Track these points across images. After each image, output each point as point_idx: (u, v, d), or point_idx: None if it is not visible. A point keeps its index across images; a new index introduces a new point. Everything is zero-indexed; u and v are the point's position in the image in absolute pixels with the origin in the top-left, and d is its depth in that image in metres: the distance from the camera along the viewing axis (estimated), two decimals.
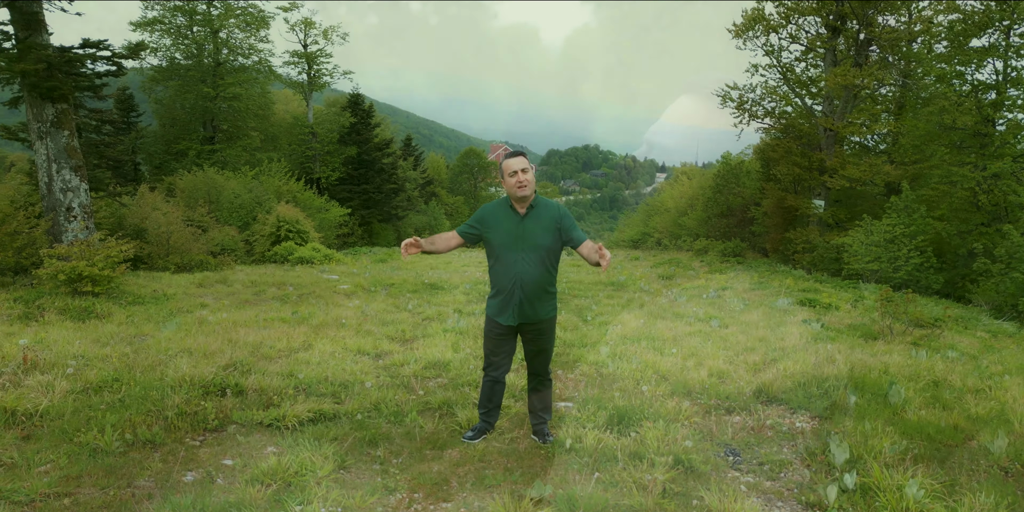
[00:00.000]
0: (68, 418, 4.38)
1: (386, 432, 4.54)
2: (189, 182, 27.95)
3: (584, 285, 15.90)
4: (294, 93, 43.57)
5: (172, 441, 4.18)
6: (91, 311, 9.18)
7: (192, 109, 36.78)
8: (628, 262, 26.34)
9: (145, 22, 36.01)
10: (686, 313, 11.14)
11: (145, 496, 3.42)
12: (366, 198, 40.37)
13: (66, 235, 11.75)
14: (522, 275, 4.18)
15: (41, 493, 3.33)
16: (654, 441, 4.30)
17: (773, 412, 5.37)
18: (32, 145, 11.68)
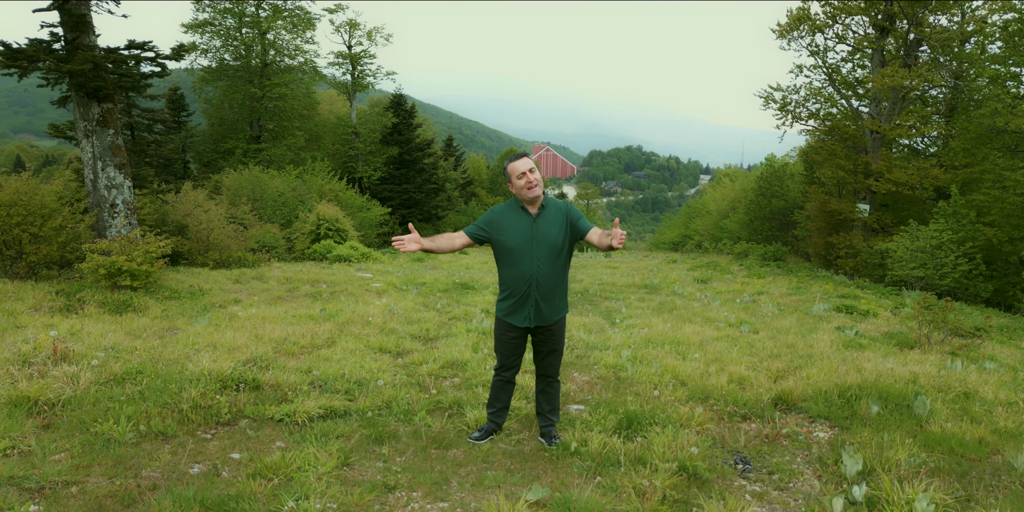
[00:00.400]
0: (88, 408, 4.52)
1: (394, 430, 4.58)
2: (235, 180, 28.59)
3: (617, 287, 15.79)
4: (338, 93, 44.26)
5: (184, 434, 4.29)
6: (129, 304, 9.46)
7: (239, 109, 37.64)
8: (665, 265, 26.07)
9: (196, 24, 36.97)
10: (717, 317, 10.98)
11: (150, 487, 3.51)
12: (407, 198, 40.76)
13: (109, 231, 12.13)
14: (538, 276, 4.16)
15: (51, 480, 3.44)
16: (660, 447, 4.25)
17: (791, 420, 5.26)
18: (79, 143, 12.08)
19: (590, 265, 25.22)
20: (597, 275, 19.40)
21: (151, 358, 6.02)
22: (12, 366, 5.21)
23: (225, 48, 37.82)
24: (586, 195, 77.22)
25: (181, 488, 3.42)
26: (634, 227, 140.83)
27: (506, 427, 4.78)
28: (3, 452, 3.77)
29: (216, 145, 37.51)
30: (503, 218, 4.25)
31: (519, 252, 4.17)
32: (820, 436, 4.91)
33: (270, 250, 21.95)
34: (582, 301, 13.17)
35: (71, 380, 5.01)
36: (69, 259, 11.31)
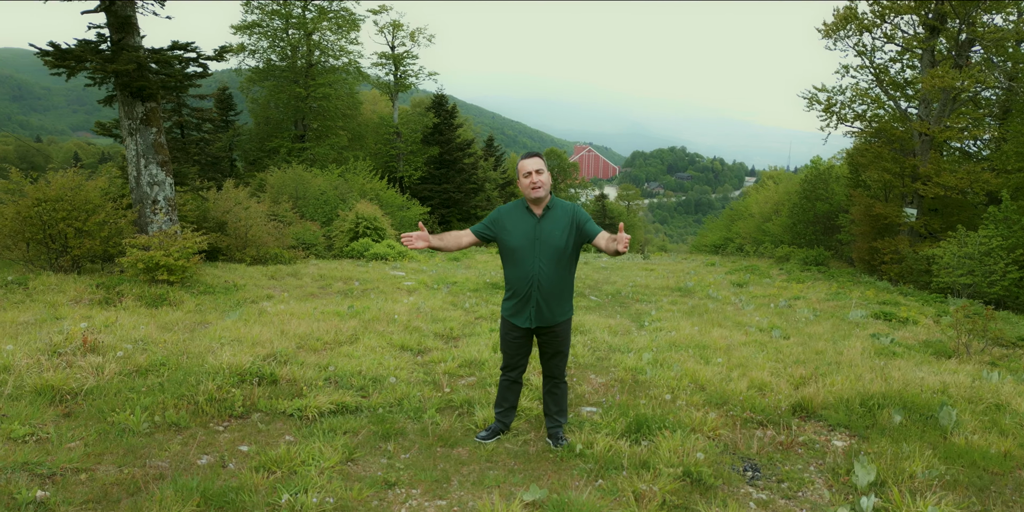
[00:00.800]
0: (109, 398, 4.66)
1: (401, 427, 4.61)
2: (279, 178, 29.11)
3: (650, 290, 15.65)
4: (381, 94, 44.79)
5: (196, 425, 4.39)
6: (164, 298, 9.72)
7: (285, 108, 38.37)
8: (703, 268, 25.72)
9: (244, 25, 37.79)
10: (748, 322, 10.80)
11: (157, 476, 3.60)
12: (446, 197, 41.02)
13: (151, 226, 12.48)
14: (539, 277, 4.15)
15: (62, 467, 3.56)
16: (666, 451, 4.19)
17: (809, 428, 5.14)
18: (123, 141, 12.46)
19: (626, 267, 25.03)
20: (631, 277, 19.25)
21: (177, 351, 6.18)
22: (42, 356, 5.40)
23: (272, 49, 38.60)
24: (627, 196, 76.70)
25: (186, 478, 3.51)
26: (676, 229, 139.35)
27: (515, 427, 4.78)
28: (22, 438, 3.91)
29: (262, 144, 38.30)
30: (508, 217, 4.25)
31: (522, 252, 4.16)
32: (837, 445, 4.79)
33: (310, 247, 22.32)
34: (613, 303, 13.09)
35: (96, 370, 5.17)
36: (112, 253, 11.67)
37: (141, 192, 12.49)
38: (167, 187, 12.69)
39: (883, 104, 23.21)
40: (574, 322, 9.34)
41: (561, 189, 58.24)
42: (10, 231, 11.01)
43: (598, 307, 12.34)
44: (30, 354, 5.40)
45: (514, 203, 4.33)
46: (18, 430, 3.95)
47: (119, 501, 3.27)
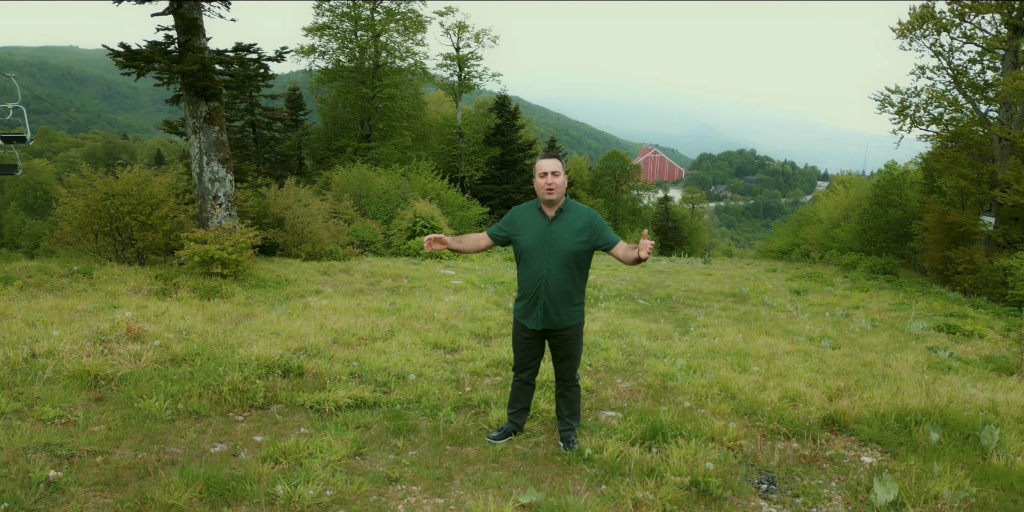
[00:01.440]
0: (141, 385, 4.86)
1: (415, 424, 4.65)
2: (343, 177, 29.78)
3: (703, 295, 15.34)
4: (445, 94, 45.32)
5: (217, 414, 4.53)
6: (217, 291, 10.07)
7: (352, 108, 39.24)
8: (763, 273, 25.05)
9: (316, 27, 38.83)
10: (799, 331, 10.47)
11: (169, 462, 3.73)
12: (506, 197, 41.19)
13: (211, 221, 12.94)
14: (547, 279, 4.13)
15: (81, 449, 3.73)
16: (676, 459, 4.10)
17: (839, 442, 4.94)
18: (188, 139, 12.97)
19: (683, 271, 24.59)
20: (686, 281, 18.91)
21: (215, 342, 6.39)
22: (88, 342, 5.67)
23: (341, 50, 39.55)
24: (691, 199, 75.39)
25: (194, 465, 3.62)
26: (743, 234, 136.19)
27: (529, 429, 4.76)
28: (51, 420, 4.12)
29: (329, 143, 39.28)
30: (521, 218, 4.24)
31: (531, 253, 4.14)
32: (866, 461, 4.59)
33: (368, 245, 22.77)
34: (661, 307, 12.89)
35: (134, 358, 5.40)
36: (173, 246, 12.16)
37: (203, 188, 12.97)
38: (227, 184, 13.14)
39: (961, 107, 22.12)
40: (613, 326, 9.24)
41: (623, 191, 57.71)
42: (80, 223, 11.61)
43: (645, 311, 12.17)
44: (76, 340, 5.68)
45: (528, 204, 4.31)
46: (48, 412, 4.16)
47: (128, 484, 3.41)
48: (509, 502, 3.47)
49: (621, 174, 56.79)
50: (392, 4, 38.46)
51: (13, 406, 4.19)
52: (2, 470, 3.34)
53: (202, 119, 12.69)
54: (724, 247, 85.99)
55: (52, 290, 9.35)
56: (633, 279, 18.64)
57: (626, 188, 58.06)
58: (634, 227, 58.37)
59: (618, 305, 12.30)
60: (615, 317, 10.23)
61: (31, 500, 3.08)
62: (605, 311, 11.10)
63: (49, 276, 10.03)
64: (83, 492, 3.27)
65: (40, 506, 3.07)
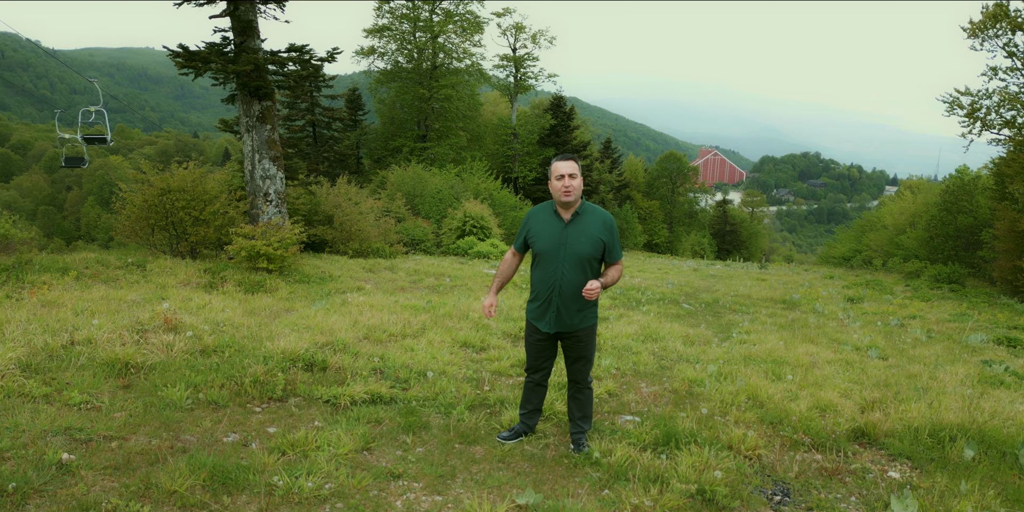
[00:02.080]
0: (167, 374, 5.02)
1: (427, 421, 4.67)
2: (399, 176, 30.21)
3: (751, 301, 15.00)
4: (501, 95, 45.50)
5: (235, 405, 4.64)
6: (261, 285, 10.33)
7: (409, 109, 39.78)
8: (820, 280, 24.32)
9: (376, 29, 39.50)
10: (846, 339, 10.12)
11: (180, 449, 3.84)
12: None
13: (261, 217, 13.30)
14: (560, 282, 4.10)
15: (99, 434, 3.87)
16: (686, 466, 4.00)
17: (866, 456, 4.74)
18: (241, 137, 13.36)
19: (736, 276, 24.08)
20: (736, 286, 18.51)
21: (248, 334, 6.55)
22: (125, 332, 5.89)
23: (400, 51, 40.14)
24: (751, 202, 73.81)
25: (203, 454, 3.72)
26: (805, 239, 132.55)
27: (542, 430, 4.72)
28: (77, 405, 4.29)
29: (386, 143, 39.89)
30: (536, 220, 4.22)
31: (546, 256, 4.12)
32: (893, 476, 4.39)
33: (418, 243, 23.04)
34: (706, 312, 12.65)
35: (166, 348, 5.58)
36: (224, 241, 12.54)
37: (254, 185, 13.34)
38: (278, 181, 13.48)
39: None
40: (649, 329, 9.11)
41: (679, 193, 56.86)
42: (137, 218, 12.08)
43: (688, 315, 11.96)
44: (114, 329, 5.90)
45: (543, 206, 4.29)
46: (76, 397, 4.33)
47: (136, 469, 3.52)
48: (505, 502, 3.45)
49: (678, 176, 55.97)
50: (451, 5, 38.85)
51: (43, 390, 4.38)
52: (20, 451, 3.49)
53: (255, 118, 13.05)
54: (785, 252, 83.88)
55: (107, 281, 9.74)
56: (681, 283, 18.35)
57: (683, 190, 57.18)
58: (690, 230, 57.47)
59: (660, 309, 12.12)
60: (653, 321, 10.08)
61: (41, 481, 3.21)
62: (644, 314, 10.95)
63: (105, 267, 10.45)
64: (93, 475, 3.39)
65: (49, 487, 3.19)
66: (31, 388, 4.36)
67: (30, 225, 68.25)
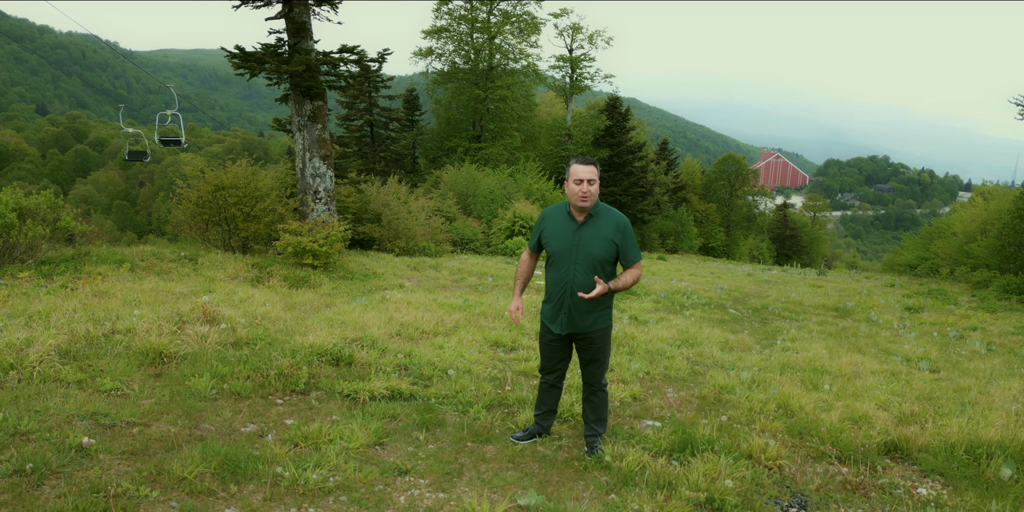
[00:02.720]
0: (197, 364, 5.18)
1: (442, 419, 4.69)
2: (452, 176, 30.51)
3: (802, 307, 14.59)
4: (556, 96, 45.43)
5: (258, 397, 4.76)
6: (306, 281, 10.57)
7: (464, 109, 40.12)
8: (880, 288, 23.48)
9: (434, 30, 39.97)
10: (896, 350, 9.74)
11: (198, 437, 3.96)
12: (612, 200, 40.77)
13: (311, 215, 13.59)
14: (572, 284, 4.07)
15: (123, 420, 4.01)
16: (698, 474, 3.91)
17: (896, 471, 4.56)
18: (293, 136, 13.69)
19: (791, 282, 23.45)
20: (788, 292, 18.03)
21: (282, 328, 6.71)
22: (164, 322, 6.10)
23: (457, 52, 40.51)
24: (813, 207, 71.80)
25: (218, 443, 3.82)
26: (871, 245, 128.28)
27: (558, 432, 4.69)
28: (108, 391, 4.46)
29: (441, 143, 40.32)
30: (550, 221, 4.20)
31: (559, 257, 4.10)
32: (921, 493, 4.21)
33: (468, 243, 23.21)
34: (752, 318, 12.37)
35: (200, 339, 5.76)
36: (274, 237, 12.88)
37: (305, 183, 13.65)
38: (327, 179, 13.76)
39: None
40: (687, 334, 8.96)
41: (737, 196, 55.72)
42: (192, 213, 12.50)
43: (733, 321, 11.71)
44: (154, 320, 6.12)
45: (558, 206, 4.26)
46: (107, 384, 4.51)
47: (152, 455, 3.65)
48: (505, 502, 3.44)
49: (736, 178, 54.84)
50: (508, 6, 39.01)
51: (78, 376, 4.58)
52: (45, 434, 3.66)
53: (306, 117, 13.34)
54: (848, 258, 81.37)
55: (159, 273, 10.11)
56: (731, 288, 17.98)
57: (741, 193, 56.02)
58: (748, 234, 56.27)
59: (704, 313, 11.91)
60: (693, 325, 9.91)
61: (59, 463, 3.36)
62: (686, 319, 10.78)
63: (160, 260, 10.85)
64: (109, 459, 3.52)
65: (66, 469, 3.33)
66: (66, 374, 4.56)
67: (105, 218, 71.50)
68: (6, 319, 5.59)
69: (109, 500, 3.06)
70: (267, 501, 3.33)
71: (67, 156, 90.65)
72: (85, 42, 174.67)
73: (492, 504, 3.46)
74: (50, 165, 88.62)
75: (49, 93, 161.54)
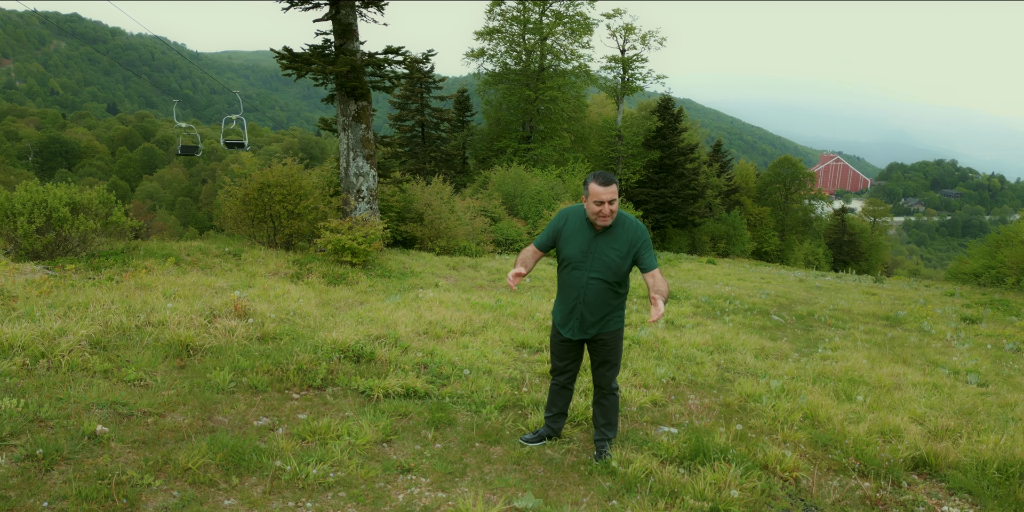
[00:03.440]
0: (221, 358, 5.30)
1: (453, 418, 4.69)
2: (500, 176, 30.65)
3: (850, 315, 14.15)
4: (607, 97, 45.16)
5: (275, 391, 4.84)
6: (343, 278, 10.74)
7: (514, 110, 40.21)
8: (937, 297, 22.59)
9: (486, 31, 40.19)
10: (945, 362, 9.36)
11: (209, 429, 4.05)
12: (662, 202, 40.32)
13: (353, 213, 13.82)
14: (586, 291, 4.03)
15: (141, 409, 4.13)
16: (704, 483, 3.82)
17: (922, 487, 4.37)
18: (338, 135, 13.93)
19: (844, 289, 22.77)
20: (838, 300, 17.51)
21: (311, 324, 6.82)
22: (196, 316, 6.27)
23: (508, 53, 40.65)
24: (874, 212, 69.57)
25: (227, 435, 3.90)
26: (936, 253, 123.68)
27: (570, 435, 4.64)
28: (131, 382, 4.60)
29: (491, 143, 40.50)
30: (568, 225, 4.14)
31: (573, 263, 4.06)
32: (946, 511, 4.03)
33: (512, 243, 23.25)
34: (796, 325, 12.05)
35: (227, 333, 5.90)
36: (317, 234, 13.14)
37: (348, 181, 13.88)
38: (370, 178, 13.96)
39: None
40: (722, 340, 8.77)
41: (793, 200, 54.41)
42: (238, 210, 12.84)
43: (775, 327, 11.43)
44: (187, 313, 6.29)
45: (576, 209, 4.19)
46: (131, 374, 4.65)
47: (162, 445, 3.74)
48: (500, 504, 3.42)
49: (792, 182, 53.56)
50: (561, 7, 38.94)
51: (105, 366, 4.73)
52: (62, 421, 3.79)
53: (351, 117, 13.57)
54: (910, 266, 78.61)
55: (203, 268, 10.40)
56: (778, 293, 17.55)
57: (797, 197, 54.67)
58: (804, 239, 54.87)
59: (744, 319, 11.65)
60: (730, 331, 9.70)
61: (70, 449, 3.47)
62: (723, 324, 10.57)
63: (205, 255, 11.17)
64: (120, 447, 3.63)
65: (76, 456, 3.45)
66: (93, 363, 4.73)
67: (169, 214, 74.02)
68: (46, 309, 5.83)
69: (112, 487, 3.15)
70: (266, 494, 3.39)
71: (135, 153, 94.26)
72: (154, 44, 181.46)
73: (487, 505, 3.44)
74: (119, 162, 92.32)
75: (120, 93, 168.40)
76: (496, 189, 29.25)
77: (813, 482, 4.23)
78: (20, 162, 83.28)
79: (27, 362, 4.56)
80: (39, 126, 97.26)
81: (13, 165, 76.24)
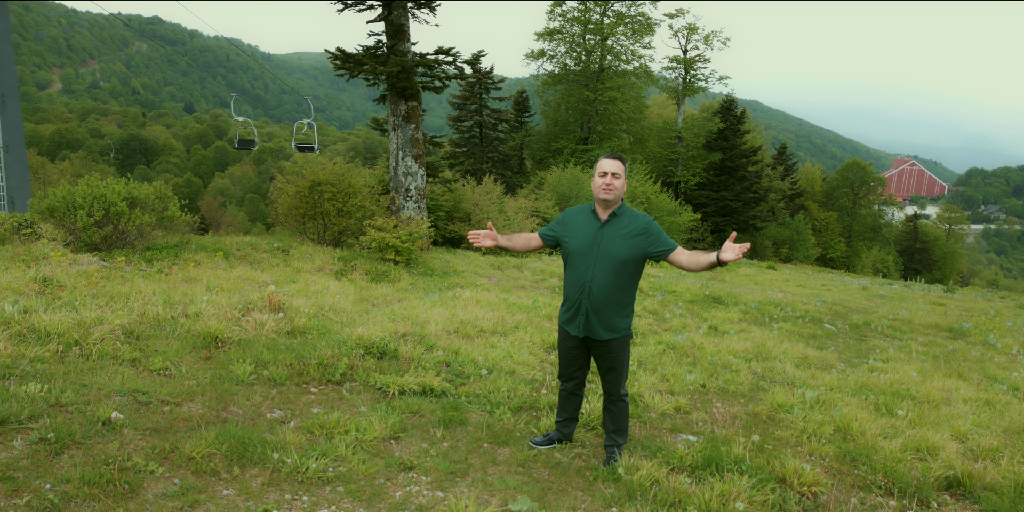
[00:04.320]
0: (247, 350, 5.42)
1: (465, 418, 4.67)
2: (556, 178, 30.59)
3: (910, 326, 13.55)
4: (668, 98, 44.55)
5: (293, 384, 4.91)
6: (386, 275, 10.87)
7: (573, 111, 40.08)
8: (1011, 309, 21.42)
9: (547, 32, 40.19)
10: (1005, 378, 8.86)
11: (221, 420, 4.14)
12: (722, 205, 39.51)
13: (401, 212, 13.99)
14: (591, 285, 3.94)
15: (159, 398, 4.25)
16: (708, 495, 3.69)
17: (951, 508, 4.13)
18: (388, 135, 14.12)
19: (909, 298, 21.86)
20: (899, 310, 16.80)
21: (343, 320, 6.92)
22: (231, 309, 6.44)
23: (568, 54, 40.55)
24: (949, 219, 66.61)
25: (235, 426, 3.98)
26: (1017, 263, 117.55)
27: (582, 440, 4.57)
28: (156, 371, 4.75)
29: (549, 144, 40.46)
30: (573, 219, 4.09)
31: (578, 256, 3.98)
32: None
33: None
34: (849, 335, 11.61)
35: (257, 326, 6.03)
36: (364, 232, 13.35)
37: (397, 181, 14.06)
38: (419, 178, 14.10)
39: None
40: (763, 348, 8.52)
41: (861, 205, 52.52)
42: (290, 207, 13.16)
43: (825, 336, 11.04)
44: (222, 306, 6.47)
45: (583, 206, 4.15)
46: (157, 364, 4.80)
47: (173, 433, 3.84)
48: (494, 506, 3.38)
49: (861, 186, 51.71)
50: (622, 7, 38.63)
51: (133, 355, 4.90)
52: (81, 406, 3.94)
53: (401, 117, 13.74)
54: (988, 276, 74.92)
55: (252, 262, 10.69)
56: (835, 301, 16.95)
57: (866, 202, 52.76)
58: (872, 245, 52.93)
59: (793, 327, 11.29)
60: (773, 339, 9.41)
61: (82, 434, 3.60)
62: (769, 331, 10.26)
63: (255, 250, 11.48)
64: (132, 434, 3.74)
65: (88, 441, 3.57)
66: (123, 352, 4.90)
67: (238, 210, 76.51)
68: (89, 299, 6.08)
69: (115, 472, 3.25)
70: (265, 486, 3.44)
71: (208, 151, 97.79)
72: (229, 46, 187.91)
73: (480, 506, 3.41)
74: (193, 159, 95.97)
75: (196, 93, 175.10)
76: (551, 190, 29.18)
77: (831, 498, 4.05)
78: (102, 158, 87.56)
79: (60, 349, 4.75)
80: (120, 124, 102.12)
81: (95, 161, 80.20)
